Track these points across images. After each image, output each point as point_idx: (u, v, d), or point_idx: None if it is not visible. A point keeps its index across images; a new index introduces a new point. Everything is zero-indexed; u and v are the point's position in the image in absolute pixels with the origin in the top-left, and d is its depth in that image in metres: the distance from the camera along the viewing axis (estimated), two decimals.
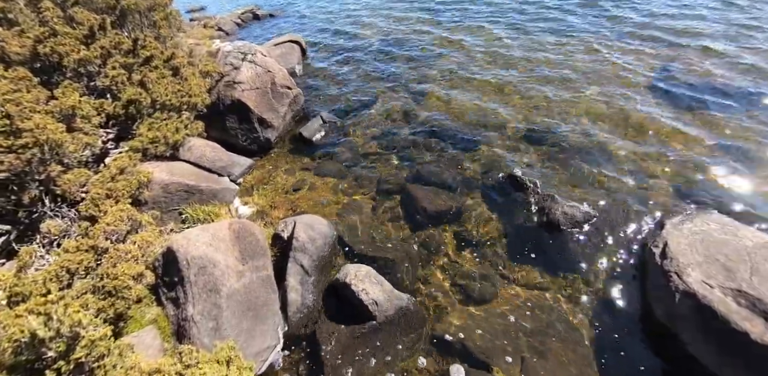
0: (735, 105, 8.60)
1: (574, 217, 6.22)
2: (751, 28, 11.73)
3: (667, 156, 7.46)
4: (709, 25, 12.18)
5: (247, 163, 8.52)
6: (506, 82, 10.47)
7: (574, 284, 5.66)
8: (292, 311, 5.43)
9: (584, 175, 7.25)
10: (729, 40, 11.21)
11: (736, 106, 8.58)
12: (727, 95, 8.92)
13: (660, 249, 5.24)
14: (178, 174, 7.15)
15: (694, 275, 4.70)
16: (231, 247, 5.38)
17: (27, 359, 3.73)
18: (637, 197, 6.70)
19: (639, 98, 9.21)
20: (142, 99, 8.21)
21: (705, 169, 7.07)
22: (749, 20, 12.27)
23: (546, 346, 5.00)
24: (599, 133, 8.23)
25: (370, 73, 12.10)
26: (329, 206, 7.40)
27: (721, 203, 6.38)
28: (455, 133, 8.83)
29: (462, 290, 5.74)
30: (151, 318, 5.14)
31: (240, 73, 9.85)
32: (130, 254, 5.14)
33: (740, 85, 9.14)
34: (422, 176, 7.71)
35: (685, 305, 4.62)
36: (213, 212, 6.94)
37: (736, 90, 9.02)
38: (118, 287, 4.75)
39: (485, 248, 6.30)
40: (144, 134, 7.74)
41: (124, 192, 6.14)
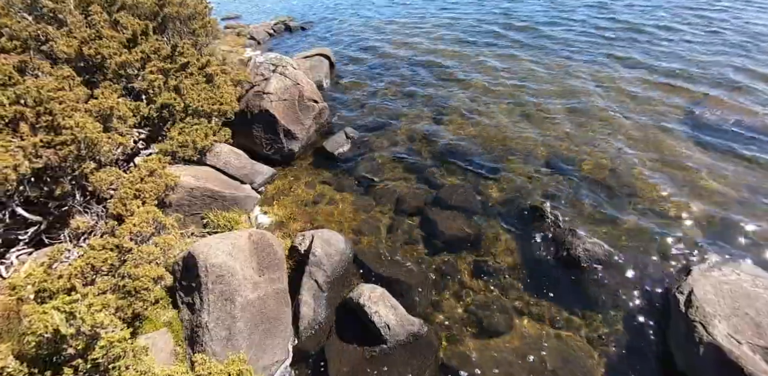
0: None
1: (596, 254, 6.14)
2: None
3: (700, 198, 7.23)
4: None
5: (270, 173, 8.66)
6: (534, 109, 10.47)
7: (591, 323, 5.55)
8: (303, 326, 5.43)
9: (609, 212, 7.13)
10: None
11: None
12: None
13: (685, 296, 5.12)
14: (204, 179, 7.30)
15: (721, 327, 4.58)
16: (249, 257, 5.44)
17: (48, 353, 3.80)
18: (664, 238, 6.53)
19: (674, 135, 9.00)
20: (176, 104, 8.47)
21: (740, 216, 6.83)
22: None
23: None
24: (628, 168, 8.06)
25: (396, 91, 12.29)
26: (347, 223, 7.45)
27: (753, 253, 6.17)
28: (478, 157, 8.86)
29: (475, 320, 5.68)
30: (166, 320, 5.19)
31: (269, 84, 10.11)
32: (152, 255, 5.23)
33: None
34: (442, 199, 7.73)
35: (709, 358, 4.48)
36: (234, 219, 7.04)
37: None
38: (139, 288, 4.82)
39: (502, 278, 6.24)
40: (174, 138, 7.96)
41: (151, 193, 6.29)
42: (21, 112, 6.45)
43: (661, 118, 9.70)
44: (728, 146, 8.54)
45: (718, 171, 7.86)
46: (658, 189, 7.53)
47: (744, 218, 6.76)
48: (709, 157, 8.30)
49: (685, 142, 8.79)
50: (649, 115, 9.79)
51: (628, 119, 9.70)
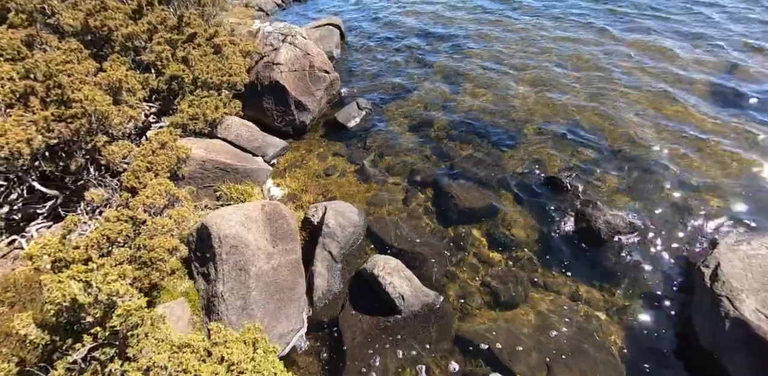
0: None
1: (617, 227, 5.91)
2: None
3: (728, 171, 6.89)
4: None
5: (282, 145, 8.54)
6: (554, 79, 9.96)
7: (610, 297, 5.41)
8: (317, 296, 5.45)
9: (632, 184, 6.82)
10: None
11: None
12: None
13: (711, 270, 4.89)
14: (215, 152, 7.23)
15: (749, 302, 4.37)
16: (262, 228, 5.41)
17: (67, 322, 3.89)
18: (690, 210, 6.25)
19: (702, 106, 8.53)
20: (185, 75, 8.31)
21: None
22: None
23: (574, 358, 4.82)
24: (653, 139, 7.71)
25: (409, 60, 11.82)
26: (360, 194, 7.35)
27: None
28: (494, 128, 8.53)
29: (490, 292, 5.61)
30: (182, 291, 5.28)
31: (279, 55, 9.80)
32: (166, 227, 5.24)
33: None
34: (457, 170, 7.52)
35: (735, 334, 4.31)
36: (246, 191, 7.00)
37: None
38: (154, 258, 4.86)
39: (518, 250, 6.10)
40: (185, 110, 7.86)
41: (163, 166, 6.26)
42: (31, 87, 6.41)
43: (688, 88, 9.11)
44: (758, 118, 8.00)
45: (748, 144, 7.41)
46: (684, 161, 7.17)
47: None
48: (738, 129, 7.80)
49: (712, 113, 8.27)
50: (676, 86, 9.19)
51: (653, 90, 9.13)
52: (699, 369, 4.66)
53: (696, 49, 10.70)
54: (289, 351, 5.08)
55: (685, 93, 8.98)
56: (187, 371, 3.51)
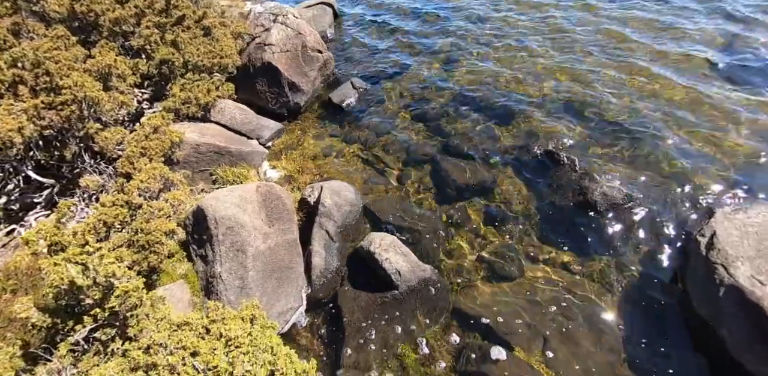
0: None
1: (614, 198, 5.86)
2: None
3: (724, 141, 6.82)
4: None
5: (277, 127, 8.48)
6: (550, 53, 9.74)
7: (606, 268, 5.43)
8: (315, 274, 5.51)
9: (629, 156, 6.76)
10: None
11: None
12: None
13: (707, 239, 4.87)
14: (209, 135, 7.19)
15: (743, 269, 4.37)
16: (258, 209, 5.43)
17: (67, 304, 3.97)
18: (687, 180, 6.20)
19: (699, 77, 8.37)
20: (175, 59, 8.18)
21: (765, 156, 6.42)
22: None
23: (570, 329, 4.88)
24: (649, 111, 7.59)
25: (403, 39, 11.54)
26: (357, 174, 7.32)
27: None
28: (491, 104, 8.39)
29: (487, 266, 5.64)
30: (182, 273, 5.35)
31: (271, 35, 9.59)
32: (163, 211, 5.27)
33: None
34: (453, 147, 7.44)
35: (729, 301, 4.33)
36: (242, 174, 7.00)
37: None
38: (151, 241, 4.91)
39: (515, 224, 6.10)
40: (176, 95, 7.77)
41: (157, 151, 6.25)
42: (20, 76, 6.37)
43: (685, 60, 8.90)
44: (756, 90, 7.81)
45: (744, 115, 7.27)
46: (681, 133, 7.08)
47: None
48: (736, 102, 7.63)
49: (710, 85, 8.09)
50: (673, 58, 8.98)
51: (649, 62, 8.93)
52: (694, 336, 4.71)
53: (694, 22, 10.35)
54: (289, 328, 5.18)
55: (680, 66, 8.78)
56: (186, 347, 3.58)
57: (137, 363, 3.51)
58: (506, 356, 4.61)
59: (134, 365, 3.53)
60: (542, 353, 4.70)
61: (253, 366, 3.12)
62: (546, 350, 4.71)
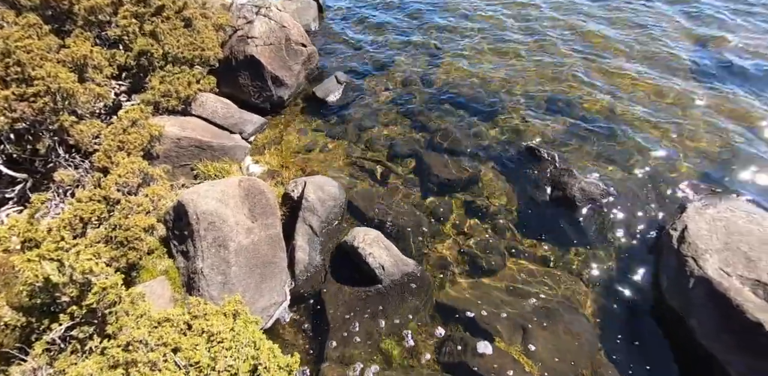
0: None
1: (591, 193, 6.02)
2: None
3: (700, 138, 7.07)
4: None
5: (260, 122, 8.37)
6: (535, 51, 9.88)
7: (584, 261, 5.59)
8: (299, 269, 5.50)
9: (607, 152, 6.95)
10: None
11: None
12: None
13: (678, 232, 5.06)
14: (190, 129, 7.06)
15: (712, 261, 4.56)
16: (240, 204, 5.37)
17: (42, 302, 3.87)
18: (661, 177, 6.42)
19: (678, 77, 8.63)
20: (154, 50, 7.96)
21: (738, 155, 6.68)
22: None
23: (549, 320, 5.00)
24: (628, 108, 7.80)
25: (389, 34, 11.49)
26: (341, 169, 7.31)
27: (749, 190, 6.10)
28: (475, 100, 8.47)
29: (470, 260, 5.72)
30: (162, 269, 5.27)
31: (254, 28, 9.43)
32: (142, 206, 5.17)
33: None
34: (437, 143, 7.50)
35: (698, 292, 4.51)
36: (224, 168, 6.91)
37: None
38: (130, 237, 4.82)
39: (497, 219, 6.20)
40: (156, 87, 7.58)
41: (136, 145, 6.10)
42: None
43: (666, 59, 9.15)
44: (731, 91, 8.11)
45: (721, 113, 7.55)
46: (657, 130, 7.30)
47: (741, 159, 6.61)
48: (713, 100, 7.92)
49: (688, 85, 8.34)
50: (654, 58, 9.22)
51: (630, 64, 9.14)
52: (667, 326, 4.90)
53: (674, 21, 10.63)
54: (273, 324, 5.17)
55: (662, 64, 9.03)
56: (167, 344, 3.54)
57: (116, 361, 3.46)
58: (492, 350, 4.70)
59: (113, 362, 3.48)
60: (522, 344, 4.82)
61: (235, 361, 3.12)
62: (526, 342, 4.83)
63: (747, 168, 6.47)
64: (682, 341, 4.70)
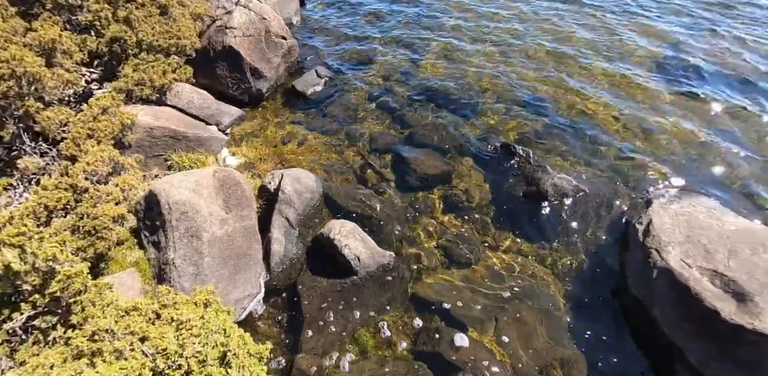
0: (739, 90, 8.47)
1: (563, 189, 6.20)
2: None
3: (666, 137, 7.40)
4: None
5: (237, 114, 8.24)
6: (511, 50, 10.11)
7: (555, 253, 5.76)
8: (274, 262, 5.46)
9: (579, 149, 7.20)
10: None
11: (740, 91, 8.44)
12: (735, 80, 8.78)
13: (644, 226, 5.28)
14: (164, 119, 6.90)
15: (674, 253, 4.78)
16: (214, 194, 5.29)
17: (2, 291, 3.72)
18: (629, 174, 6.71)
19: (644, 74, 9.03)
20: (127, 37, 7.73)
21: (702, 153, 7.03)
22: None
23: (521, 310, 5.13)
24: (600, 108, 8.10)
25: (371, 29, 11.51)
26: (319, 162, 7.28)
27: (711, 187, 6.44)
28: (453, 96, 8.60)
29: (445, 253, 5.80)
30: (132, 261, 5.14)
31: (233, 19, 9.26)
32: (111, 195, 5.03)
33: (743, 71, 8.95)
34: (416, 138, 7.57)
35: (661, 282, 4.72)
36: (200, 160, 6.78)
37: (741, 75, 8.85)
38: (98, 227, 4.69)
39: (472, 213, 6.31)
40: (129, 75, 7.37)
41: (106, 133, 5.92)
42: None
43: (635, 63, 9.53)
44: (693, 91, 8.50)
45: (683, 114, 7.95)
46: (626, 129, 7.60)
47: (704, 158, 6.97)
48: (681, 101, 8.30)
49: (655, 86, 8.70)
50: (625, 61, 9.58)
51: (605, 62, 9.48)
52: (630, 316, 5.10)
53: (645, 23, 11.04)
54: (247, 316, 5.11)
55: (632, 65, 9.40)
56: (134, 333, 3.46)
57: (81, 351, 3.36)
58: (468, 342, 4.78)
59: (77, 352, 3.38)
60: (494, 334, 4.92)
61: (204, 347, 3.07)
62: (498, 332, 4.94)
63: (710, 166, 6.81)
64: (646, 330, 4.90)
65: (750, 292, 4.21)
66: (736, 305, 4.19)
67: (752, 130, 7.51)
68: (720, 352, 4.21)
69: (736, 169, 6.74)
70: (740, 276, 4.40)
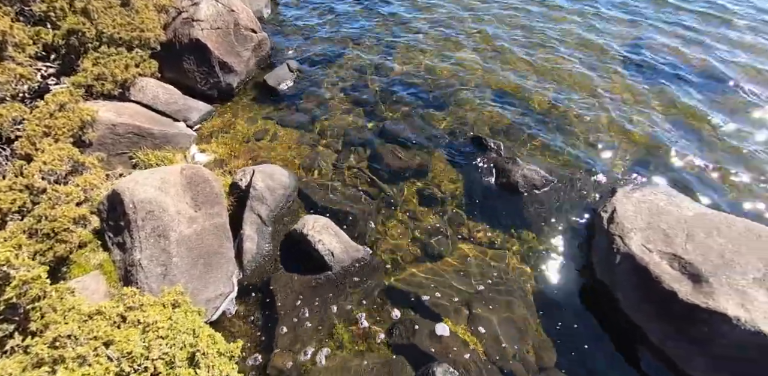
0: (702, 86, 8.78)
1: (533, 180, 6.33)
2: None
3: (631, 129, 7.63)
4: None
5: (206, 109, 8.02)
6: (482, 43, 10.18)
7: (525, 243, 5.89)
8: (247, 259, 5.38)
9: (548, 142, 7.35)
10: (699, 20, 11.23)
11: (703, 87, 8.76)
12: (700, 75, 9.09)
13: (608, 214, 5.46)
14: (128, 115, 6.64)
15: (636, 239, 4.97)
16: (182, 192, 5.14)
17: None
18: (596, 164, 6.90)
19: (611, 69, 9.25)
20: (86, 29, 7.37)
21: (664, 145, 7.28)
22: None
23: (493, 299, 5.24)
24: (568, 100, 8.27)
25: (344, 23, 11.36)
26: (292, 158, 7.17)
27: (672, 176, 6.72)
28: (427, 90, 8.62)
29: (419, 245, 5.85)
30: (96, 263, 4.96)
31: (200, 10, 8.96)
32: (71, 196, 4.83)
33: (710, 67, 9.29)
34: (389, 132, 7.55)
35: (624, 266, 4.91)
36: (167, 157, 6.57)
37: (708, 71, 9.17)
38: (57, 229, 4.49)
39: (445, 205, 6.37)
40: (88, 69, 7.04)
41: (64, 130, 5.66)
42: None
43: (602, 57, 9.73)
44: (660, 87, 8.78)
45: (649, 107, 8.21)
46: (593, 123, 7.80)
47: (667, 149, 7.23)
48: (644, 94, 8.55)
49: (621, 82, 8.93)
50: (595, 56, 9.78)
51: (573, 59, 9.66)
52: (596, 300, 5.29)
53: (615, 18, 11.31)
54: (219, 315, 5.02)
55: (602, 61, 9.61)
56: (98, 337, 3.35)
57: (41, 359, 3.23)
58: (449, 332, 4.84)
59: (37, 361, 3.24)
60: (468, 324, 5.01)
61: (171, 349, 3.00)
62: (472, 321, 5.03)
63: (672, 156, 7.08)
64: (610, 314, 5.09)
65: (705, 273, 4.42)
66: (692, 286, 4.40)
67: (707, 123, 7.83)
68: (676, 331, 4.43)
69: (695, 159, 7.03)
70: (696, 258, 4.62)
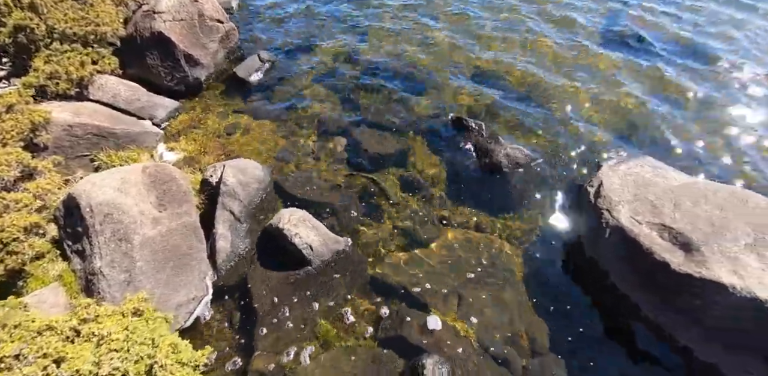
0: (682, 58, 8.63)
1: (516, 159, 6.09)
2: None
3: (613, 103, 7.47)
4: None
5: (173, 106, 7.62)
6: (459, 27, 9.87)
7: (512, 224, 5.67)
8: (221, 259, 5.07)
9: (530, 119, 7.12)
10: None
11: (683, 59, 8.61)
12: (680, 48, 8.95)
13: (595, 188, 5.26)
14: (86, 115, 6.24)
15: (624, 211, 4.78)
16: (145, 192, 4.80)
17: None
18: (580, 140, 6.70)
19: (589, 44, 9.04)
20: (34, 25, 6.89)
21: (647, 118, 7.12)
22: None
23: (482, 284, 5.02)
24: (547, 78, 8.04)
25: (314, 11, 10.92)
26: (267, 151, 6.84)
27: (657, 148, 6.56)
28: (402, 75, 8.34)
29: (403, 233, 5.59)
30: (55, 274, 4.61)
31: (160, 2, 8.47)
32: (21, 203, 4.46)
33: (692, 41, 9.10)
34: (367, 119, 7.27)
35: (613, 240, 4.73)
36: (131, 157, 6.20)
37: (690, 45, 9.01)
38: (6, 239, 4.14)
39: (428, 190, 6.11)
40: (40, 68, 6.60)
41: (13, 134, 5.26)
42: None
43: (580, 35, 9.50)
44: (637, 60, 8.62)
45: (633, 82, 8.04)
46: (575, 100, 7.59)
47: (650, 121, 7.08)
48: (626, 71, 8.38)
49: (600, 56, 8.76)
50: (571, 33, 9.56)
51: (551, 35, 9.42)
52: (585, 276, 5.12)
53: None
54: (193, 321, 4.72)
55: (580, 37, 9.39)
56: (48, 355, 3.04)
57: None
58: (439, 322, 4.60)
59: None
60: (458, 311, 4.77)
61: (123, 362, 2.70)
62: (462, 309, 4.80)
63: (656, 129, 6.92)
64: (601, 291, 4.91)
65: (696, 242, 4.26)
66: (684, 256, 4.23)
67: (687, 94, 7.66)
68: (662, 301, 4.30)
69: (678, 131, 6.86)
70: (685, 227, 4.45)
